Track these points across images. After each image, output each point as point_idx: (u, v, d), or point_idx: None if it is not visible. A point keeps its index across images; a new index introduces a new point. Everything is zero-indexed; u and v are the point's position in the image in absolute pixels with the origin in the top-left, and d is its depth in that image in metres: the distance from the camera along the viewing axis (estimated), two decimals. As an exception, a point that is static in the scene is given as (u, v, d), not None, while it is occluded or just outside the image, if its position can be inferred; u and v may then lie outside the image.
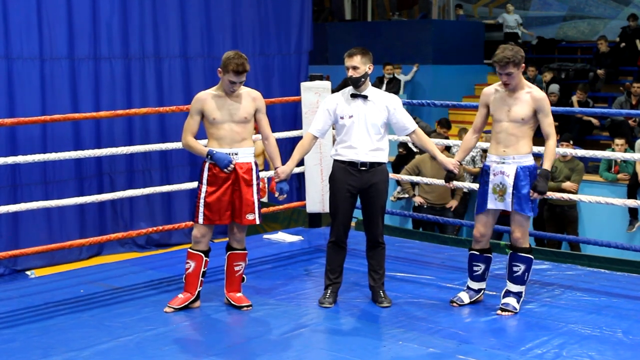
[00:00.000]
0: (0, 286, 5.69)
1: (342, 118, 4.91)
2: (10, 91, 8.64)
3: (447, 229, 8.83)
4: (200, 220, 4.81)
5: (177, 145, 6.55)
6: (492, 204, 4.89)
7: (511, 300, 4.87)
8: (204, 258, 4.87)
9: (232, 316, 4.87)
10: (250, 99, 4.84)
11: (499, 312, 4.85)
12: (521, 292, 4.90)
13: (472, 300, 5.03)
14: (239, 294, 4.98)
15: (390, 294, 5.11)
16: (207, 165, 4.81)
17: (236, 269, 4.95)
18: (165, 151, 9.58)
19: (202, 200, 4.80)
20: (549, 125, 4.82)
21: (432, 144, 5.11)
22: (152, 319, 4.74)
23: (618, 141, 9.53)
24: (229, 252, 4.96)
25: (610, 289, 5.38)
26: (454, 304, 5.00)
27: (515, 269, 4.88)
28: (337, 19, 19.13)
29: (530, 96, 4.80)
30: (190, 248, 4.91)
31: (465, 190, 8.95)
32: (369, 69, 4.90)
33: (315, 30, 14.17)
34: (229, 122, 4.76)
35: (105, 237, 6.29)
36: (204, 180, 4.82)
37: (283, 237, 6.85)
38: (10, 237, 8.63)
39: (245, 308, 4.91)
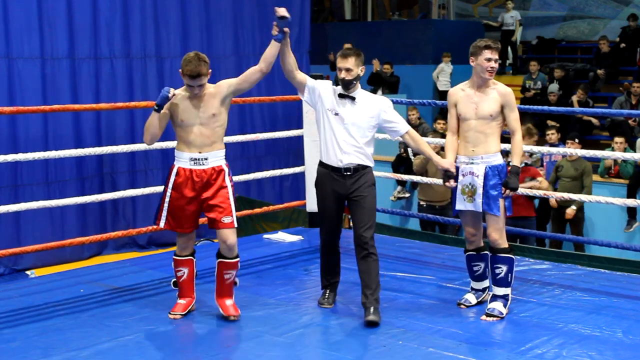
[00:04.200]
0: (0, 286, 5.69)
1: (328, 110, 4.73)
2: (10, 91, 8.63)
3: (447, 229, 8.83)
4: (162, 224, 4.68)
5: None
6: (462, 205, 4.85)
7: (497, 305, 4.77)
8: (194, 260, 4.80)
9: (232, 316, 4.86)
10: (215, 93, 4.62)
11: (483, 317, 4.76)
12: (507, 295, 4.81)
13: (479, 300, 5.01)
14: (230, 301, 4.74)
15: (390, 294, 5.11)
16: (175, 169, 4.64)
17: (226, 277, 4.70)
18: (166, 151, 9.57)
19: (166, 205, 4.65)
20: (515, 120, 4.78)
21: (427, 145, 4.96)
22: (152, 319, 4.74)
23: (617, 139, 9.54)
24: (219, 260, 4.69)
25: (610, 289, 5.38)
26: (462, 306, 4.97)
27: (497, 271, 4.78)
28: (337, 19, 19.16)
29: (497, 92, 4.78)
30: (176, 255, 4.78)
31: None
32: (361, 71, 4.77)
33: (315, 30, 14.17)
34: (198, 125, 4.58)
35: (105, 236, 6.29)
36: (170, 185, 4.64)
37: (283, 237, 6.84)
38: (12, 237, 8.61)
39: (232, 318, 4.68)
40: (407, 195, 11.15)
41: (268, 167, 9.78)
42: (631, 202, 6.90)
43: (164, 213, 4.66)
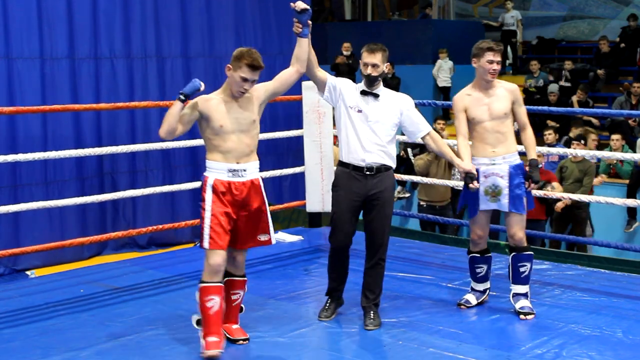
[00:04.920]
0: (0, 286, 5.69)
1: (351, 108, 4.55)
2: (10, 91, 8.62)
3: (447, 229, 8.82)
4: (206, 245, 4.17)
5: (178, 144, 6.53)
6: (485, 205, 4.86)
7: (526, 303, 4.82)
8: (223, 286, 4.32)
9: (232, 316, 4.85)
10: (253, 97, 4.29)
11: (522, 317, 4.75)
12: (527, 292, 4.89)
13: (479, 301, 5.02)
14: (236, 326, 4.45)
15: (391, 293, 5.11)
16: (209, 181, 4.22)
17: (233, 297, 4.38)
18: (167, 151, 9.57)
19: (207, 221, 4.18)
20: (524, 114, 4.88)
21: (448, 147, 4.85)
22: (152, 319, 4.74)
23: (614, 137, 9.53)
24: (226, 279, 4.33)
25: (610, 289, 5.38)
26: (462, 307, 4.98)
27: (522, 269, 4.83)
28: (337, 19, 19.15)
29: (505, 89, 4.83)
30: (205, 282, 4.19)
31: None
32: (387, 68, 4.65)
33: (315, 30, 14.11)
34: (238, 132, 4.22)
35: (105, 236, 6.30)
36: (209, 200, 4.21)
37: (283, 237, 6.84)
38: (11, 237, 8.61)
39: (241, 342, 4.38)
40: (407, 195, 11.16)
41: (268, 167, 9.77)
42: (631, 202, 6.90)
43: (207, 231, 4.17)
